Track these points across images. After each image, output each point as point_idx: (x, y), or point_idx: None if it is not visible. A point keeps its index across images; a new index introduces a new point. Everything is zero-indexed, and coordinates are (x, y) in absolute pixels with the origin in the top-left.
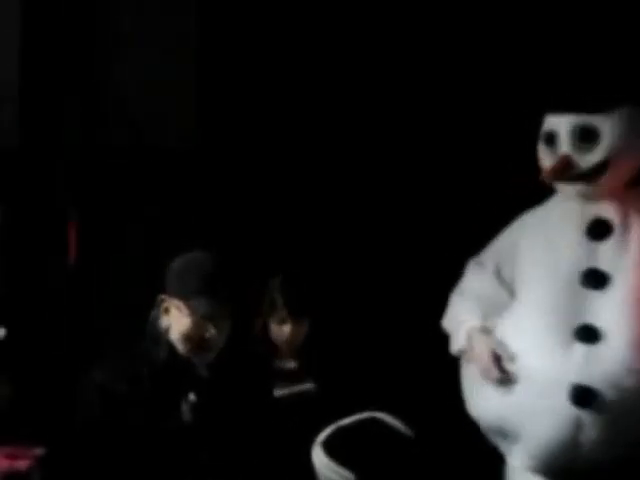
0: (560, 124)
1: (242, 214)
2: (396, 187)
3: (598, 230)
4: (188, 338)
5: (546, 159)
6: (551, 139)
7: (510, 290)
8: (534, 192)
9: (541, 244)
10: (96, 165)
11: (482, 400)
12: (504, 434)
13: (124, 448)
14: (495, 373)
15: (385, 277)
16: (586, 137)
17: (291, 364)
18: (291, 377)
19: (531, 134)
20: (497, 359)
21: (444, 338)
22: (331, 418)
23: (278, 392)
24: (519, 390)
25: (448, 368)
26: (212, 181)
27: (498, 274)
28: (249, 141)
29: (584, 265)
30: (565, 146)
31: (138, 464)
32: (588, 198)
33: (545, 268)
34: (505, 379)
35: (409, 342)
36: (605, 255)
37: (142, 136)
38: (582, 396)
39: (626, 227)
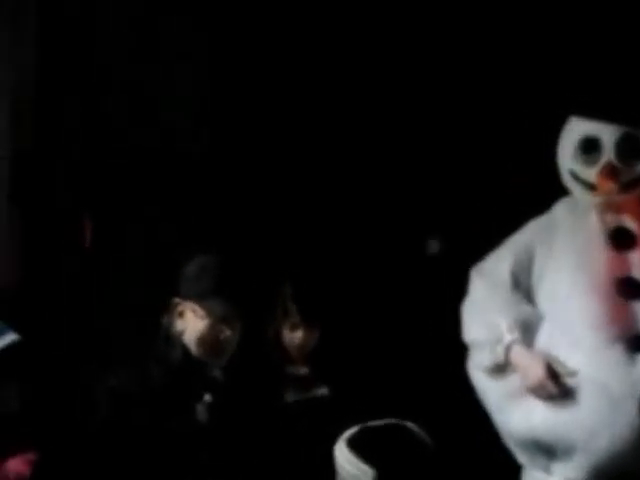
0: (603, 132)
1: (255, 220)
2: (408, 193)
3: (622, 239)
4: (204, 340)
5: (583, 165)
6: (592, 146)
7: (528, 299)
8: (534, 196)
9: (568, 255)
10: (105, 166)
11: (524, 416)
12: (548, 449)
13: (136, 450)
14: (552, 389)
15: (398, 283)
16: (633, 148)
17: (303, 370)
18: (303, 383)
19: (531, 136)
20: (554, 375)
21: (455, 343)
22: (343, 424)
23: (290, 398)
24: (582, 403)
25: (460, 374)
26: (225, 185)
27: (517, 285)
28: (264, 146)
29: (618, 275)
30: (610, 155)
31: (150, 466)
32: (611, 209)
33: (581, 279)
34: (561, 394)
35: (420, 347)
36: (635, 264)
37: (151, 138)
38: None
39: None
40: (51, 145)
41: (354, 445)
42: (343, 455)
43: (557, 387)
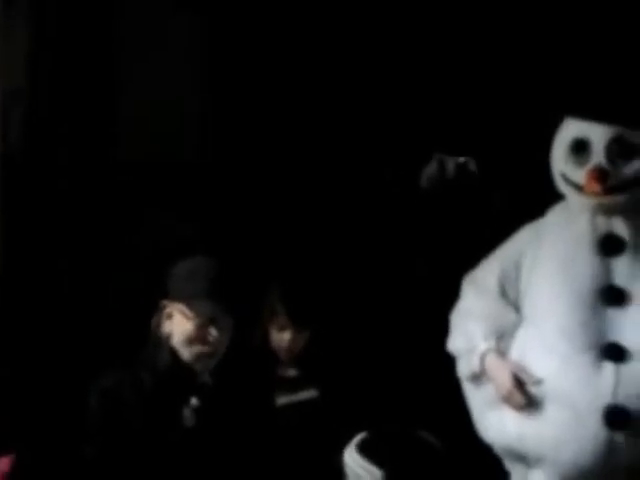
0: (594, 133)
1: (244, 221)
2: (397, 197)
3: (611, 246)
4: (192, 342)
5: (573, 167)
6: (582, 147)
7: (516, 308)
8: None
9: (552, 260)
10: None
11: (498, 424)
12: (524, 458)
13: (126, 453)
14: (519, 398)
15: (388, 285)
16: (623, 151)
17: (292, 371)
18: (293, 385)
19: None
20: (520, 384)
21: (445, 346)
22: (333, 426)
23: (280, 400)
24: (548, 414)
25: (450, 377)
26: (213, 186)
27: (503, 293)
28: (252, 148)
29: (601, 282)
30: (600, 157)
31: (140, 469)
32: (604, 213)
33: (561, 286)
34: (529, 404)
35: (410, 349)
36: (620, 271)
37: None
38: (616, 417)
39: (637, 242)
40: (42, 148)
41: (364, 449)
42: (352, 458)
43: (524, 397)
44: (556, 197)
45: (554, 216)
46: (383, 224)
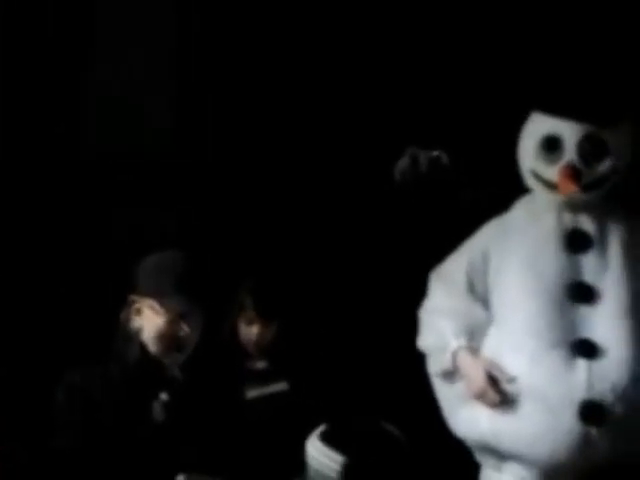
0: (566, 131)
1: (214, 216)
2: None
3: (577, 242)
4: (162, 338)
5: (544, 164)
6: (553, 144)
7: (484, 303)
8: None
9: (520, 257)
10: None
11: (471, 420)
12: (497, 453)
13: (96, 448)
14: (492, 396)
15: (357, 278)
16: (595, 149)
17: (261, 364)
18: (263, 378)
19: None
20: (494, 381)
21: (414, 340)
22: (303, 418)
23: (250, 393)
24: (522, 410)
25: (421, 367)
26: (185, 183)
27: (472, 288)
28: (223, 143)
29: (568, 279)
30: (572, 154)
31: (110, 464)
32: (571, 209)
33: (529, 283)
34: (503, 401)
35: (381, 341)
36: (588, 268)
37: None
38: (591, 412)
39: (604, 239)
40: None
41: (326, 439)
42: (315, 447)
43: (497, 394)
44: (523, 191)
45: (519, 210)
46: (354, 217)
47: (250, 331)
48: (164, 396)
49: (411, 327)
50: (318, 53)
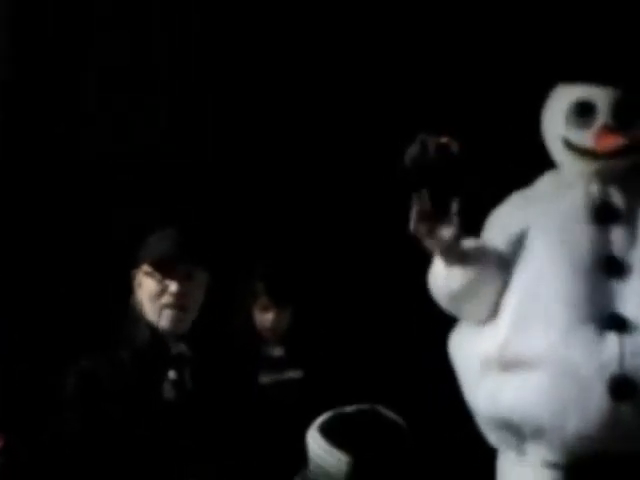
0: (599, 95)
1: (226, 202)
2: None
3: (606, 215)
4: (155, 297)
5: (577, 129)
6: (586, 110)
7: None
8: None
9: (549, 231)
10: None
11: (493, 394)
12: (520, 432)
13: (107, 431)
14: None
15: (372, 263)
16: (629, 112)
17: (277, 351)
18: (278, 364)
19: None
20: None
21: (432, 324)
22: (317, 405)
23: (264, 379)
24: (549, 383)
25: (437, 355)
26: (185, 183)
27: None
28: (236, 128)
29: (598, 252)
30: (606, 117)
31: (121, 447)
32: (600, 180)
33: (560, 255)
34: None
35: (396, 330)
36: (617, 241)
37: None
38: (622, 388)
39: (633, 212)
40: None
41: (327, 432)
42: (316, 442)
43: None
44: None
45: (544, 184)
46: (364, 203)
47: (265, 318)
48: (172, 374)
49: (428, 313)
50: (320, 41)
